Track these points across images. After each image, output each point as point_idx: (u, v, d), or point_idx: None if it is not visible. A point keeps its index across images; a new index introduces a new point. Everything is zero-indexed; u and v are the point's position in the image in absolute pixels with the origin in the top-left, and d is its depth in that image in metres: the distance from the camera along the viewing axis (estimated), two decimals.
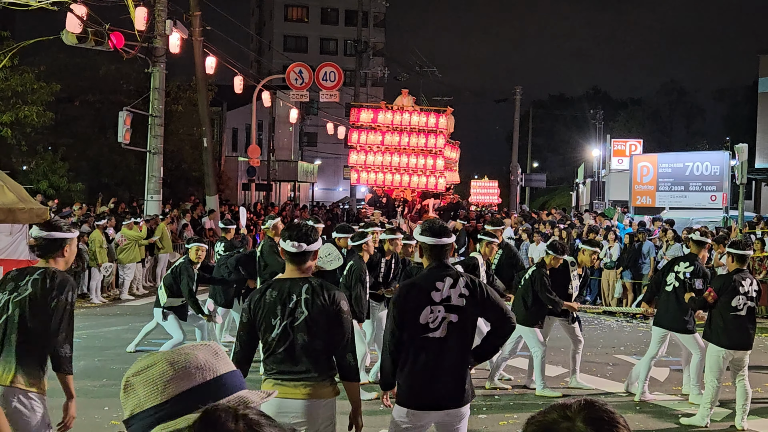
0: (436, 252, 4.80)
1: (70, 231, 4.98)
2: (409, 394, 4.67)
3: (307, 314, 4.30)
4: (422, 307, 4.62)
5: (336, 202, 45.37)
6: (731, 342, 7.84)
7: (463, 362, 4.75)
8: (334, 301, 4.36)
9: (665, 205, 24.04)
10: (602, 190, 40.96)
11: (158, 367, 1.62)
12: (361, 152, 26.47)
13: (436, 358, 4.64)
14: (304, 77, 28.23)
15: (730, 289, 7.78)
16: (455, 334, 4.66)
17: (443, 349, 4.64)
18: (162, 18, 20.43)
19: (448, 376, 4.66)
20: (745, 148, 16.33)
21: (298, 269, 4.44)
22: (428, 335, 4.62)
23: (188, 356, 1.62)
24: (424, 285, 4.69)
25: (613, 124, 63.19)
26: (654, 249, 16.79)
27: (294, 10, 67.74)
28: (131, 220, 18.01)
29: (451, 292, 4.66)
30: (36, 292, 4.67)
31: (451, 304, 4.66)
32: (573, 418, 1.41)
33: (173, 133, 29.32)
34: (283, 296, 4.35)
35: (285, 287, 4.38)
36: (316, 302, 4.32)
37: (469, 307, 4.69)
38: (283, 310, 4.33)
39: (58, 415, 5.11)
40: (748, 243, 8.01)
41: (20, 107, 22.74)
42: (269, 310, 4.34)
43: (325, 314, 4.32)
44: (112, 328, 13.44)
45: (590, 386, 9.63)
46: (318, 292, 4.35)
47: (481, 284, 4.79)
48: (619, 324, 15.24)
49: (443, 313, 4.64)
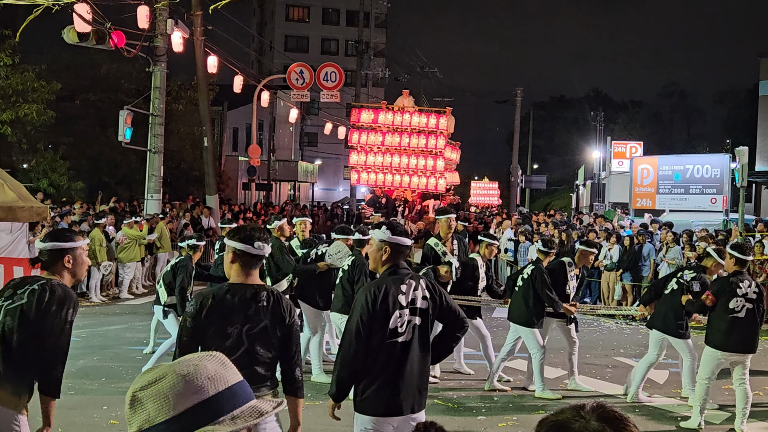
0: (401, 253, 4.74)
1: (72, 240, 4.60)
2: (375, 402, 4.54)
3: (265, 323, 4.11)
4: (392, 312, 4.52)
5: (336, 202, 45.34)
6: (729, 345, 7.82)
7: (425, 365, 4.72)
8: (290, 312, 4.20)
9: (665, 207, 24.04)
10: (602, 192, 40.95)
11: (168, 380, 1.53)
12: (361, 153, 26.45)
13: (402, 362, 4.55)
14: (305, 77, 28.22)
15: (728, 291, 7.77)
16: (418, 337, 4.61)
17: (408, 352, 4.57)
18: (163, 17, 20.43)
19: (412, 380, 4.60)
20: (746, 151, 16.32)
21: (252, 274, 4.21)
22: (396, 340, 4.53)
23: (198, 367, 1.55)
24: (393, 287, 4.57)
25: (614, 126, 63.23)
26: (654, 251, 16.79)
27: (295, 10, 67.75)
28: (132, 219, 18.01)
29: (415, 294, 4.61)
30: (31, 303, 4.28)
31: (416, 307, 4.60)
32: (586, 418, 1.44)
33: (174, 132, 29.33)
34: (242, 303, 4.11)
35: (245, 293, 4.14)
36: (276, 312, 4.14)
37: (431, 309, 4.66)
38: (240, 318, 4.09)
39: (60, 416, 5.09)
40: (750, 248, 8.00)
41: (21, 105, 22.75)
42: (225, 316, 4.09)
43: (281, 324, 4.15)
44: (111, 327, 13.43)
45: (590, 388, 9.62)
46: (278, 301, 4.17)
47: (437, 286, 4.76)
48: (619, 326, 15.23)
49: (408, 317, 4.57)
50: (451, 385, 9.64)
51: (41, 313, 4.26)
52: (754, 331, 7.84)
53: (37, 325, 4.26)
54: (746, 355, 7.85)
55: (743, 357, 7.84)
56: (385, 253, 4.69)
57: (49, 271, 4.50)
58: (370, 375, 4.54)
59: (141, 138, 21.99)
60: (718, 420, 8.26)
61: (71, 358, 10.83)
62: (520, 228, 20.22)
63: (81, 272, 4.63)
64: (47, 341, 4.27)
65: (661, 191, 25.51)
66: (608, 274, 17.23)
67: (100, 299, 16.91)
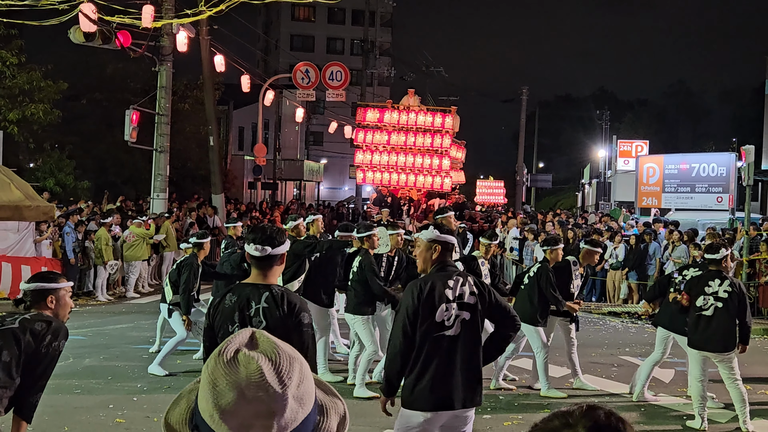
0: (449, 251, 4.84)
1: (56, 281, 4.68)
2: (422, 396, 4.58)
3: (264, 324, 4.03)
4: (438, 305, 4.60)
5: (342, 201, 45.30)
6: (696, 343, 7.86)
7: (475, 360, 4.75)
8: (294, 312, 4.06)
9: (671, 206, 24.00)
10: (608, 190, 40.90)
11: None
12: (366, 152, 26.48)
13: (451, 356, 4.61)
14: (311, 76, 28.24)
15: (697, 289, 7.85)
16: (468, 332, 4.67)
17: (457, 347, 4.63)
18: (169, 17, 20.45)
19: (461, 375, 4.64)
20: (752, 149, 16.27)
21: (261, 275, 4.14)
22: (443, 333, 4.60)
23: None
24: (439, 282, 4.67)
25: (620, 125, 63.10)
26: (660, 250, 16.77)
27: (301, 9, 67.71)
28: (141, 218, 18.05)
29: (463, 289, 4.69)
30: (24, 328, 4.38)
31: (464, 302, 4.68)
32: (575, 425, 1.37)
33: (180, 131, 29.35)
34: (241, 303, 4.09)
35: (245, 293, 4.11)
36: (275, 313, 4.05)
37: (479, 305, 4.72)
38: (240, 317, 4.07)
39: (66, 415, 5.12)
40: (720, 248, 7.97)
41: (27, 105, 22.81)
42: (227, 316, 4.10)
43: (282, 326, 4.01)
44: (118, 326, 13.46)
45: (595, 387, 9.62)
46: (278, 301, 4.06)
47: (486, 285, 4.84)
48: (625, 325, 15.21)
49: (456, 311, 4.64)
50: None
51: (36, 339, 4.36)
52: (725, 330, 7.75)
53: (29, 350, 4.35)
54: (719, 354, 7.80)
55: (718, 356, 7.81)
56: (435, 252, 4.78)
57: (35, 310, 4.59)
58: (419, 369, 4.59)
59: (147, 137, 22.03)
60: (724, 419, 8.25)
61: (77, 356, 10.90)
62: (525, 227, 20.20)
63: (63, 313, 4.70)
64: (40, 370, 4.41)
65: (666, 190, 25.43)
66: (614, 273, 17.22)
67: (107, 298, 16.96)
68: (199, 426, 1.45)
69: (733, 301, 7.72)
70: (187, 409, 1.51)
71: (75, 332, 12.70)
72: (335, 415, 1.54)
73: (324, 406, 1.53)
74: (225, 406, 1.40)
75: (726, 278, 7.83)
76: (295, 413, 1.43)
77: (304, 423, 1.45)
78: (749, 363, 11.10)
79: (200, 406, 1.44)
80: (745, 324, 7.82)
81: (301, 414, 1.44)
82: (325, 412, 1.53)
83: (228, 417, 1.40)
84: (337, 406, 1.56)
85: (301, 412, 1.44)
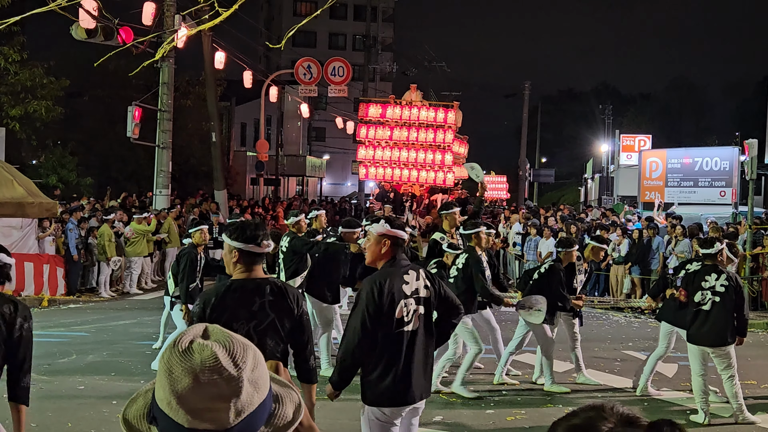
0: (400, 246, 4.80)
1: (9, 254, 4.75)
2: (388, 392, 4.61)
3: (272, 317, 4.05)
4: (398, 301, 4.60)
5: (344, 197, 45.34)
6: (696, 338, 7.87)
7: (431, 353, 4.85)
8: (298, 303, 4.14)
9: (674, 200, 23.95)
10: (611, 185, 40.83)
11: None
12: (369, 147, 26.46)
13: (410, 351, 4.64)
14: (313, 72, 28.22)
15: (694, 284, 7.85)
16: (424, 325, 4.72)
17: (415, 341, 4.67)
18: (171, 13, 20.46)
19: (420, 369, 4.70)
20: (755, 143, 16.22)
21: (256, 269, 4.15)
22: (403, 329, 4.61)
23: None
24: (396, 278, 4.65)
25: (622, 120, 63.01)
26: (663, 244, 16.75)
27: (303, 4, 67.66)
28: (142, 214, 18.06)
29: (418, 284, 4.71)
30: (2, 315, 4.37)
31: (419, 296, 4.71)
32: (612, 420, 1.37)
33: (182, 127, 29.36)
34: (246, 298, 4.06)
35: (247, 288, 4.09)
36: (282, 304, 4.08)
37: (432, 298, 4.78)
38: (246, 313, 4.04)
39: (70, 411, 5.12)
40: (714, 242, 7.97)
41: (30, 102, 22.81)
42: (230, 313, 4.03)
43: (290, 317, 4.09)
44: (121, 323, 13.48)
45: (598, 381, 9.63)
46: (283, 293, 4.11)
47: (435, 276, 4.90)
48: (628, 319, 15.21)
49: (414, 306, 4.66)
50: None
51: (6, 323, 4.35)
52: (723, 324, 7.77)
53: (9, 335, 4.36)
54: (717, 348, 7.81)
55: (716, 350, 7.82)
56: (384, 246, 4.75)
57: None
58: (381, 366, 4.60)
59: (149, 134, 22.03)
60: (728, 413, 8.24)
61: (81, 353, 10.90)
62: (528, 222, 20.20)
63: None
64: (21, 353, 4.42)
65: (669, 184, 25.40)
66: (617, 268, 17.21)
67: (110, 294, 16.99)
68: (157, 417, 1.48)
69: (730, 295, 7.73)
70: (144, 405, 1.54)
71: (78, 328, 12.75)
72: (290, 403, 1.58)
73: (279, 395, 1.57)
74: (181, 391, 1.42)
75: (722, 272, 7.83)
76: (251, 396, 1.45)
77: (259, 408, 1.47)
78: (753, 357, 11.11)
79: (157, 397, 1.47)
80: (743, 317, 7.85)
81: (257, 398, 1.47)
82: (281, 399, 1.56)
83: (185, 401, 1.42)
84: (292, 396, 1.60)
85: (256, 397, 1.46)
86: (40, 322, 13.45)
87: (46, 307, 15.26)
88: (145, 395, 1.56)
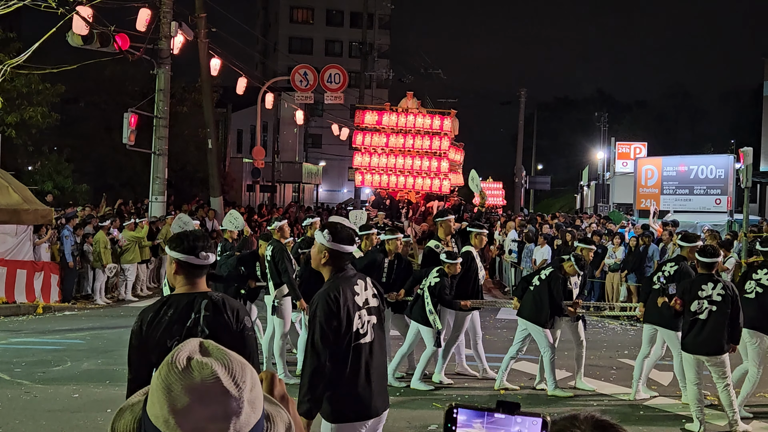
0: (342, 260, 4.59)
1: None
2: (351, 407, 4.47)
3: (207, 333, 3.77)
4: (354, 313, 4.44)
5: (340, 203, 45.30)
6: (691, 347, 7.87)
7: (385, 361, 4.79)
8: (238, 318, 3.86)
9: (670, 208, 23.99)
10: (607, 192, 40.91)
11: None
12: (365, 154, 26.48)
13: (369, 363, 4.51)
14: (309, 79, 28.25)
15: (691, 293, 7.85)
16: (378, 335, 4.60)
17: (373, 352, 4.54)
18: (167, 20, 20.46)
19: (379, 379, 4.60)
20: (750, 151, 16.26)
21: (195, 283, 3.93)
22: (360, 342, 4.47)
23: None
24: (348, 290, 4.48)
25: (618, 127, 63.12)
26: (658, 252, 16.76)
27: (299, 11, 67.80)
28: (132, 220, 18.04)
29: (367, 293, 4.58)
30: None
31: (370, 306, 4.58)
32: (582, 427, 1.41)
33: (178, 134, 29.35)
34: (180, 314, 3.84)
35: (182, 303, 3.86)
36: (218, 319, 3.82)
37: (381, 305, 4.69)
38: (180, 330, 3.80)
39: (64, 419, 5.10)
40: (717, 252, 7.99)
41: (26, 108, 22.79)
42: (165, 330, 3.82)
43: (228, 333, 3.79)
44: (116, 330, 13.43)
45: (593, 387, 9.66)
46: (219, 308, 3.85)
47: (378, 286, 4.77)
48: (623, 327, 15.21)
49: (367, 316, 4.54)
50: (456, 386, 9.63)
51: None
52: (719, 333, 7.77)
53: None
54: (713, 357, 7.80)
55: (711, 359, 7.82)
56: (324, 257, 4.54)
57: None
58: (342, 381, 4.42)
59: (145, 140, 22.02)
60: (724, 421, 8.23)
61: (75, 360, 10.86)
62: (524, 229, 20.20)
63: None
64: None
65: (665, 192, 25.44)
66: (612, 275, 17.21)
67: (105, 301, 16.94)
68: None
69: (727, 304, 7.74)
70: (132, 420, 1.52)
71: (73, 336, 12.71)
72: (281, 423, 1.57)
73: (270, 415, 1.55)
74: (180, 410, 1.40)
75: (719, 281, 7.84)
76: (249, 417, 1.44)
77: (255, 428, 1.46)
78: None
79: (152, 413, 1.44)
80: (738, 325, 7.86)
81: (253, 418, 1.45)
82: (272, 419, 1.55)
83: (184, 421, 1.40)
84: (282, 415, 1.59)
85: (253, 416, 1.45)
86: (35, 329, 13.43)
87: (41, 314, 15.22)
88: (132, 409, 1.54)
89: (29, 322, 14.31)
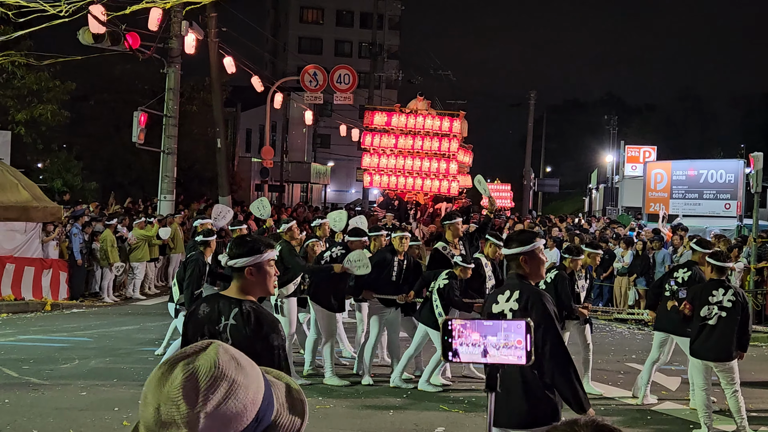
0: None
1: None
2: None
3: (230, 342, 3.60)
4: None
5: (348, 204, 45.32)
6: (700, 352, 7.84)
7: None
8: (261, 333, 3.74)
9: (679, 212, 23.92)
10: (615, 196, 40.82)
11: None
12: (374, 155, 26.47)
13: None
14: (319, 79, 28.27)
15: (701, 298, 7.81)
16: None
17: None
18: (178, 19, 20.51)
19: None
20: (761, 156, 16.18)
21: (236, 287, 3.92)
22: None
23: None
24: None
25: (627, 130, 63.00)
26: (669, 257, 16.69)
27: (309, 12, 67.83)
28: (143, 219, 18.08)
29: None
30: None
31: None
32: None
33: (187, 133, 29.41)
34: (212, 316, 3.88)
35: (216, 306, 3.90)
36: (242, 332, 3.77)
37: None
38: (210, 331, 3.85)
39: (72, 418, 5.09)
40: (728, 256, 8.00)
41: (36, 106, 22.87)
42: (198, 327, 3.91)
43: (249, 346, 3.59)
44: (123, 328, 13.46)
45: (600, 391, 9.62)
46: (246, 320, 3.78)
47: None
48: (631, 331, 15.16)
49: None
50: (462, 388, 9.62)
51: None
52: (728, 339, 7.73)
53: None
54: (721, 363, 7.77)
55: (720, 365, 7.78)
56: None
57: None
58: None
59: (154, 139, 22.06)
60: (732, 426, 8.19)
61: (83, 358, 10.89)
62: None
63: None
64: None
65: (674, 196, 25.36)
66: (621, 279, 17.16)
67: (113, 299, 16.97)
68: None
69: (737, 310, 7.70)
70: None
71: (81, 334, 12.74)
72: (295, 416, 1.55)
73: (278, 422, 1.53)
74: (146, 421, 1.43)
75: (729, 287, 7.81)
76: (216, 430, 1.43)
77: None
78: (756, 371, 11.06)
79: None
80: (747, 332, 7.84)
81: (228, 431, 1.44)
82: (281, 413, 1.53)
83: (147, 429, 1.44)
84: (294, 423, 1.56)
85: (224, 430, 1.43)
86: (43, 327, 13.46)
87: (49, 312, 15.26)
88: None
89: (37, 320, 14.35)
